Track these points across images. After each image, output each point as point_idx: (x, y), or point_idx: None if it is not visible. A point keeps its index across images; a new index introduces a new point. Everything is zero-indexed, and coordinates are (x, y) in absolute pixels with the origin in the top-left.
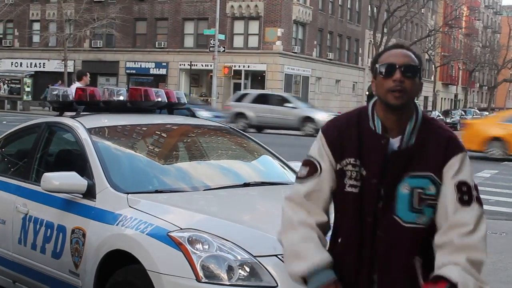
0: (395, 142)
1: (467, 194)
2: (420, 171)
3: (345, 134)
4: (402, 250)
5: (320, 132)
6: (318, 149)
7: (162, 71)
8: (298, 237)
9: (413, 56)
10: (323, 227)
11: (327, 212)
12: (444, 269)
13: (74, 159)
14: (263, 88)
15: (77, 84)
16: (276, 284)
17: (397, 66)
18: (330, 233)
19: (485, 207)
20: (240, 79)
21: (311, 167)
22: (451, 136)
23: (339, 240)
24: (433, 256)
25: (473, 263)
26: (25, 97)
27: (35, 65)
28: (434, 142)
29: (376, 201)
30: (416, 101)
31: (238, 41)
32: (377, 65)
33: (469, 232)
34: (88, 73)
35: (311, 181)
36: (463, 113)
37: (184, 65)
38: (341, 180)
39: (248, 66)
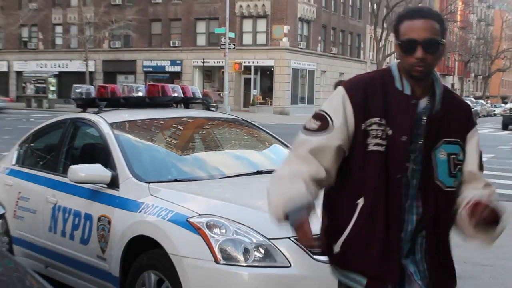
0: (422, 103)
1: (482, 162)
2: (452, 137)
3: (369, 93)
4: (446, 211)
5: (342, 90)
6: (336, 105)
7: (177, 68)
8: (286, 179)
9: (435, 24)
10: (317, 182)
11: (328, 171)
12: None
13: (98, 152)
14: (272, 83)
15: None
16: (289, 265)
17: (418, 43)
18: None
19: None
20: (250, 74)
21: (323, 122)
22: (470, 107)
23: (360, 202)
24: None
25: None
26: (50, 96)
27: (59, 66)
28: (459, 110)
29: (405, 158)
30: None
31: (247, 39)
32: (398, 39)
33: (487, 189)
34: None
35: (320, 136)
36: None
37: (197, 62)
38: (363, 140)
39: (257, 62)
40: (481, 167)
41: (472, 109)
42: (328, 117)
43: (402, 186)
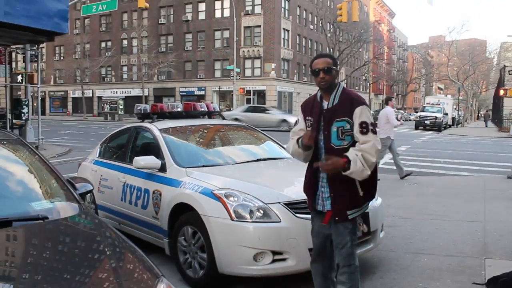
0: (325, 104)
1: (365, 128)
2: (341, 117)
3: (307, 104)
4: None
5: (300, 106)
6: (300, 113)
7: (202, 92)
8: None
9: (329, 59)
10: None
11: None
12: (348, 153)
13: (151, 148)
14: (264, 101)
15: (387, 108)
16: (280, 220)
17: (319, 69)
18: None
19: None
20: (250, 95)
21: (296, 121)
22: (353, 97)
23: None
24: None
25: (365, 158)
26: (119, 112)
27: (125, 92)
28: (345, 101)
29: (317, 134)
30: (341, 82)
31: (248, 72)
32: (311, 70)
33: (365, 143)
34: (393, 98)
35: (296, 126)
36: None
37: (215, 88)
38: (306, 129)
39: (255, 87)
40: (362, 132)
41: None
42: (298, 118)
43: (318, 148)
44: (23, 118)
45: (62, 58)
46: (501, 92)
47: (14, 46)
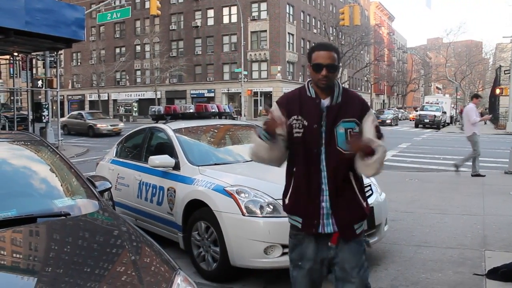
0: (325, 102)
1: (379, 132)
2: (349, 117)
3: (291, 101)
4: (343, 167)
5: (275, 102)
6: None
7: (211, 94)
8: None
9: (334, 54)
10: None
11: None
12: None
13: (166, 148)
14: (271, 102)
15: (470, 105)
16: None
17: (323, 66)
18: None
19: (403, 164)
20: (257, 97)
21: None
22: (363, 99)
23: (294, 169)
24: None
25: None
26: (134, 114)
27: (138, 95)
28: (353, 101)
29: (318, 138)
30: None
31: (255, 75)
32: (311, 63)
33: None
34: (480, 97)
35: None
36: (388, 111)
37: (224, 90)
38: (291, 130)
39: (262, 89)
40: (378, 136)
41: (394, 115)
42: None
43: (317, 154)
44: (44, 121)
45: (79, 63)
46: (497, 91)
47: (34, 53)
